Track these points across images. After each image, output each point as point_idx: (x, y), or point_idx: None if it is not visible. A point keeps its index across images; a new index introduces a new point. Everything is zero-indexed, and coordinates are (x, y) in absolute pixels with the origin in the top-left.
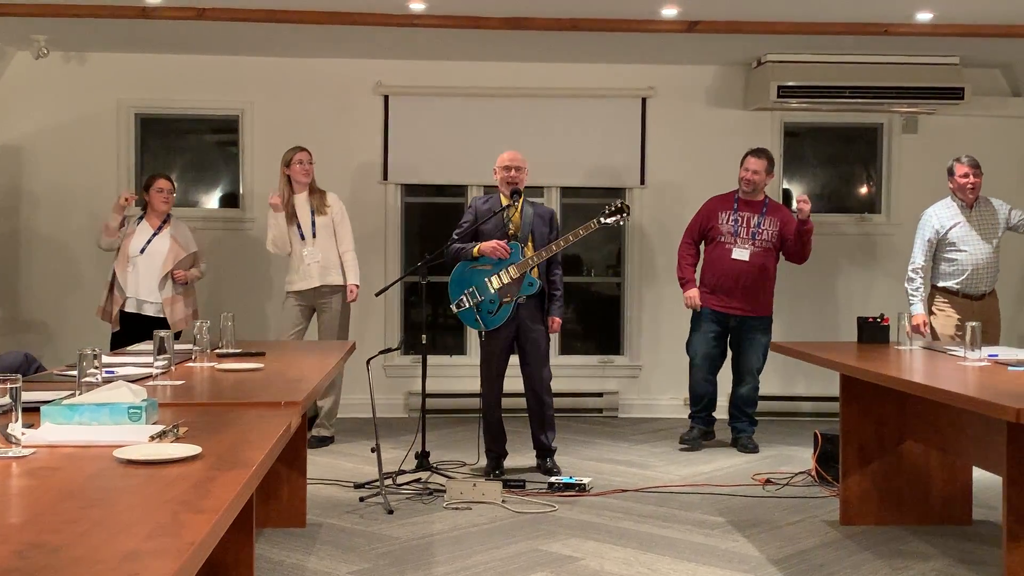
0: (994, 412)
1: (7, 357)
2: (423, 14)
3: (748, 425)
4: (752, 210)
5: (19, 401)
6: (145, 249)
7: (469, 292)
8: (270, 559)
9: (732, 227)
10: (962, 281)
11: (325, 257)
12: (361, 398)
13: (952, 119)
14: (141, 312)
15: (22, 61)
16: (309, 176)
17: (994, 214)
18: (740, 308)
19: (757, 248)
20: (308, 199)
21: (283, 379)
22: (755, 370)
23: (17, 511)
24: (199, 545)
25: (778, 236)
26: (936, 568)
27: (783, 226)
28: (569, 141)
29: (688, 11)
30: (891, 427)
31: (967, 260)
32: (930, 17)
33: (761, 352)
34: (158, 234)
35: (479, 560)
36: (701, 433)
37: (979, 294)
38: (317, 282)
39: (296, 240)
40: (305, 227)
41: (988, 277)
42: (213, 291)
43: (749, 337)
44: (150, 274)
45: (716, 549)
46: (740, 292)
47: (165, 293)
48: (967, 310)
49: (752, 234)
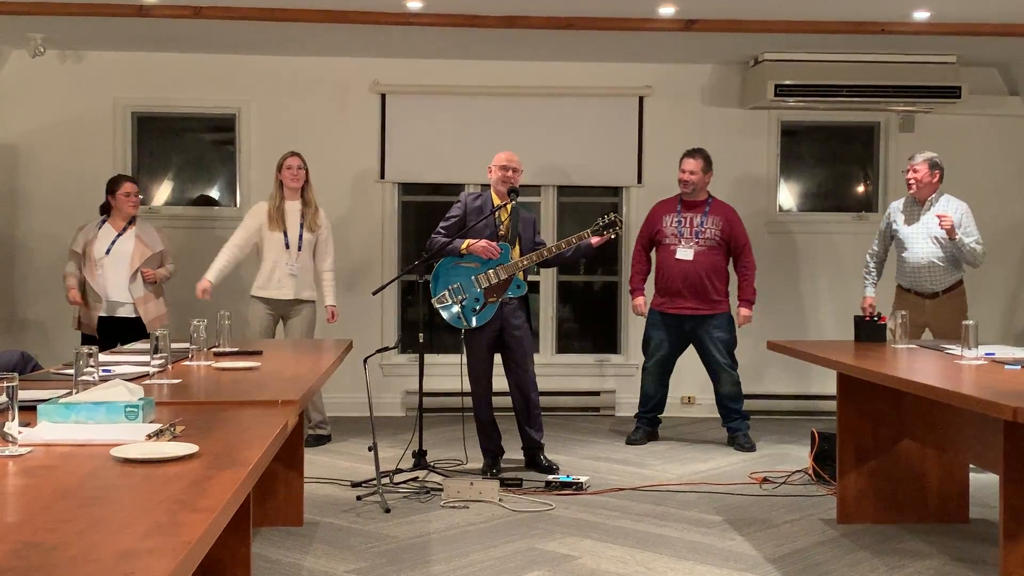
0: (991, 411)
1: (3, 356)
2: (420, 13)
3: (741, 422)
4: (695, 210)
5: (16, 400)
6: (110, 250)
7: (453, 288)
8: (267, 558)
9: (676, 228)
10: (909, 279)
11: (303, 271)
12: (358, 397)
13: (949, 118)
14: (115, 315)
15: (18, 59)
16: (299, 182)
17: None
18: (691, 308)
19: (701, 247)
20: (301, 210)
21: (280, 378)
22: (725, 365)
23: (13, 510)
24: (196, 544)
25: (722, 234)
26: (933, 566)
27: (727, 224)
28: (566, 140)
29: (685, 10)
30: (888, 426)
31: (911, 259)
32: (927, 16)
33: (725, 347)
34: (122, 235)
35: (476, 559)
36: (646, 434)
37: (929, 293)
38: (291, 295)
39: (278, 248)
40: (292, 238)
41: (935, 277)
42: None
43: (707, 336)
44: (118, 274)
45: (713, 548)
46: (689, 292)
47: (137, 292)
48: (918, 308)
49: (695, 233)
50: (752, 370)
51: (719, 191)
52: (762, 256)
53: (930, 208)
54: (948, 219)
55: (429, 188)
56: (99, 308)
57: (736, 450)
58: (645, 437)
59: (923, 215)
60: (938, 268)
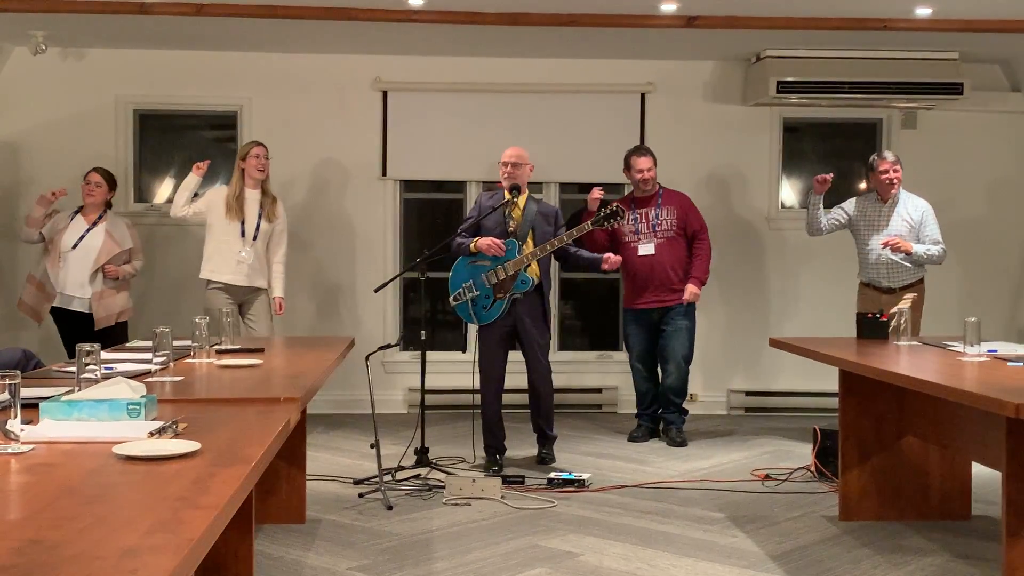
0: (993, 407)
1: (6, 353)
2: (421, 9)
3: (677, 416)
4: (648, 205)
5: (18, 397)
6: (78, 244)
7: (467, 286)
8: (269, 555)
9: (633, 225)
10: (868, 274)
11: (258, 260)
12: (360, 394)
13: (951, 114)
14: (68, 308)
15: (20, 57)
16: (264, 172)
17: (908, 213)
18: (657, 300)
19: (660, 239)
20: (260, 199)
21: (282, 375)
22: (680, 358)
23: (16, 507)
24: (198, 541)
25: (679, 223)
26: (935, 563)
27: (682, 212)
28: (568, 137)
29: (687, 6)
30: (890, 422)
31: (871, 255)
32: (929, 12)
33: (685, 339)
34: (92, 229)
35: (478, 556)
36: (648, 431)
37: (885, 288)
38: (246, 283)
39: (232, 235)
40: (249, 227)
41: (893, 275)
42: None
43: (671, 324)
44: (80, 269)
45: (715, 545)
46: (654, 285)
47: (95, 287)
48: (874, 303)
49: (652, 227)
50: (754, 367)
51: (722, 189)
52: (763, 253)
53: (893, 206)
54: (896, 244)
55: (431, 185)
56: (52, 299)
57: (668, 444)
58: (647, 434)
59: (885, 211)
60: (897, 266)
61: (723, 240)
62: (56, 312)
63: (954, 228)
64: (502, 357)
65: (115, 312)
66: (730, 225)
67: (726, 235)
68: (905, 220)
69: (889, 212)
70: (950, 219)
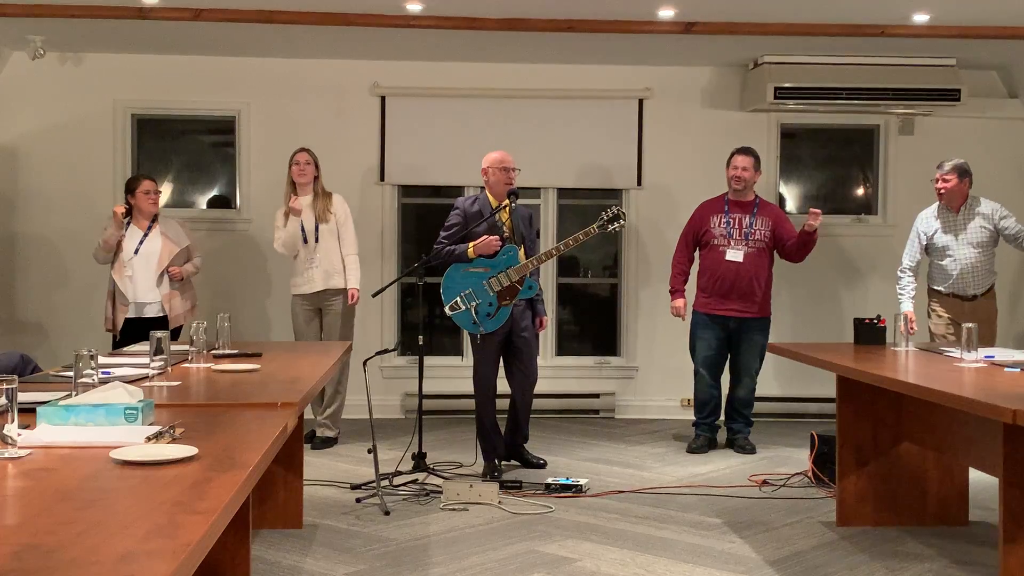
0: (990, 413)
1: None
2: (420, 15)
3: (744, 426)
4: (743, 210)
5: (15, 402)
6: (139, 251)
7: (465, 294)
8: (266, 560)
9: (725, 229)
10: (950, 285)
11: (328, 261)
12: (358, 399)
13: (949, 121)
14: (142, 315)
15: (18, 62)
16: (306, 177)
17: (983, 218)
18: (737, 310)
19: (751, 248)
20: (312, 202)
21: (280, 380)
22: (753, 371)
23: (13, 512)
24: (195, 546)
25: (771, 235)
26: (932, 569)
27: (776, 224)
28: (566, 142)
29: (685, 12)
30: (888, 428)
31: (952, 265)
32: (927, 19)
33: (758, 353)
34: (148, 234)
35: (475, 561)
36: (707, 441)
37: (970, 295)
38: (320, 286)
39: (300, 243)
40: (308, 231)
41: (976, 280)
42: (210, 292)
43: (747, 338)
44: (147, 275)
45: (713, 550)
46: (736, 294)
47: (163, 290)
48: (958, 310)
49: (745, 235)
50: None
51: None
52: None
53: (969, 213)
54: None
55: (429, 190)
56: (126, 310)
57: (736, 452)
58: (707, 445)
59: (962, 222)
60: (980, 272)
61: None
62: (129, 323)
63: None
64: (497, 364)
65: (184, 311)
66: None
67: None
68: (982, 226)
69: (965, 219)
70: None
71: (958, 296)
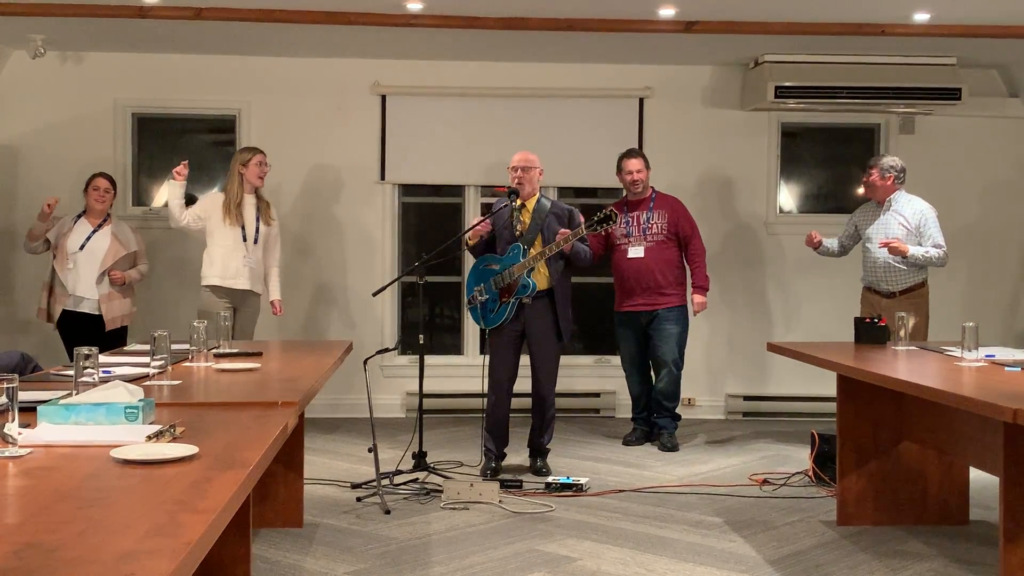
0: (991, 412)
1: (3, 357)
2: (420, 14)
3: (669, 421)
4: (640, 208)
5: (16, 401)
6: (84, 246)
7: (479, 289)
8: (267, 559)
9: (625, 228)
10: (869, 278)
11: (260, 266)
12: (359, 398)
13: (949, 120)
14: (78, 310)
15: (19, 60)
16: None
17: (904, 217)
18: (644, 303)
19: (650, 243)
20: (256, 203)
21: (280, 379)
22: (670, 362)
23: (13, 511)
24: (196, 545)
25: (669, 227)
26: (933, 568)
27: (673, 215)
28: (566, 141)
29: (685, 11)
30: (888, 427)
31: (868, 259)
32: (927, 18)
33: (674, 343)
34: (97, 232)
35: (476, 560)
36: (643, 434)
37: (886, 292)
38: (246, 286)
39: (236, 240)
40: (249, 231)
41: (891, 277)
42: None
43: (660, 330)
44: (88, 271)
45: (713, 549)
46: (641, 289)
47: (102, 290)
48: (875, 307)
49: (643, 230)
50: (753, 371)
51: (720, 193)
52: (762, 257)
53: (888, 210)
54: (895, 246)
55: (429, 189)
56: (66, 300)
57: (659, 449)
58: (642, 438)
59: (882, 215)
60: (894, 269)
61: (721, 245)
62: (64, 315)
63: (952, 233)
64: (512, 362)
65: (121, 315)
66: (728, 230)
67: (724, 240)
68: (901, 223)
69: (890, 216)
70: (948, 224)
71: (875, 291)
